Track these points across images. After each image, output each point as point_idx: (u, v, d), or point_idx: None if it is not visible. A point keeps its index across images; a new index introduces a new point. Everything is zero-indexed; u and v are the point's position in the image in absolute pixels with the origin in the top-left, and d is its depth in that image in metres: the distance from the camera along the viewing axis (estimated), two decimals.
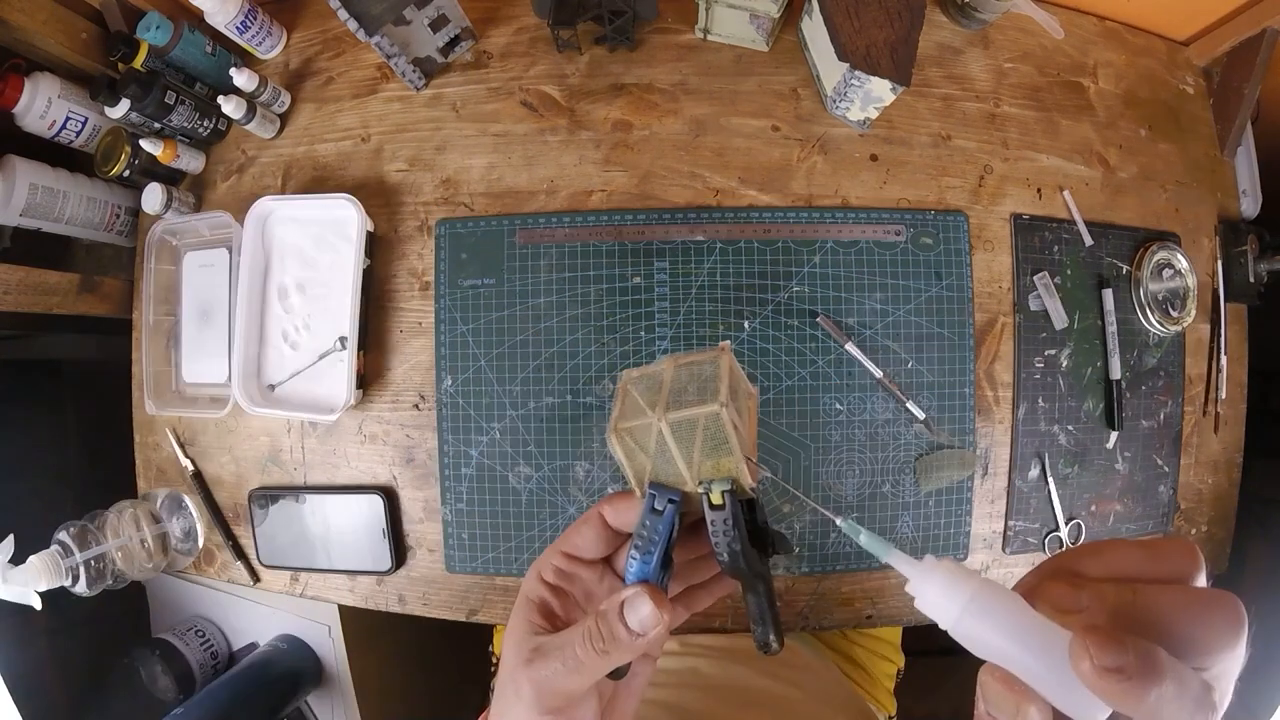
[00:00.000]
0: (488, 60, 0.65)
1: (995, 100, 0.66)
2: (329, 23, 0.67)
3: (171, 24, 0.61)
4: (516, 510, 0.62)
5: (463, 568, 0.63)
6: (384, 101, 0.66)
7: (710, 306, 0.61)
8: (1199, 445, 0.70)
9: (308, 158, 0.67)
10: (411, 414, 0.63)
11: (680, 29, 0.64)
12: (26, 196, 0.60)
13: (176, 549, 0.66)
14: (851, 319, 0.62)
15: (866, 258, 0.62)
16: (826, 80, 0.61)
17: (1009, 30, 0.67)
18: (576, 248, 0.62)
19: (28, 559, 0.55)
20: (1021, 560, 0.64)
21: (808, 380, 0.61)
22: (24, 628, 0.67)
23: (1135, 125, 0.69)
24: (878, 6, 0.55)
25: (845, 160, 0.63)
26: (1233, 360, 0.71)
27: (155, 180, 0.64)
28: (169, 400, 0.67)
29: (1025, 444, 0.63)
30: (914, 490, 0.62)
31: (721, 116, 0.63)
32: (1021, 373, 0.63)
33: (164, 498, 0.66)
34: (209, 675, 0.72)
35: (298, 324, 0.64)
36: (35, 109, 0.61)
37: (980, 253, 0.63)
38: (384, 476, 0.64)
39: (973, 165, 0.64)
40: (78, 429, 0.81)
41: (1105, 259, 0.66)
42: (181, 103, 0.62)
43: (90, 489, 0.72)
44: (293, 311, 0.64)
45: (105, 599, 0.60)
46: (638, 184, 0.63)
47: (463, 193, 0.64)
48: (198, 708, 0.66)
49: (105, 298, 0.68)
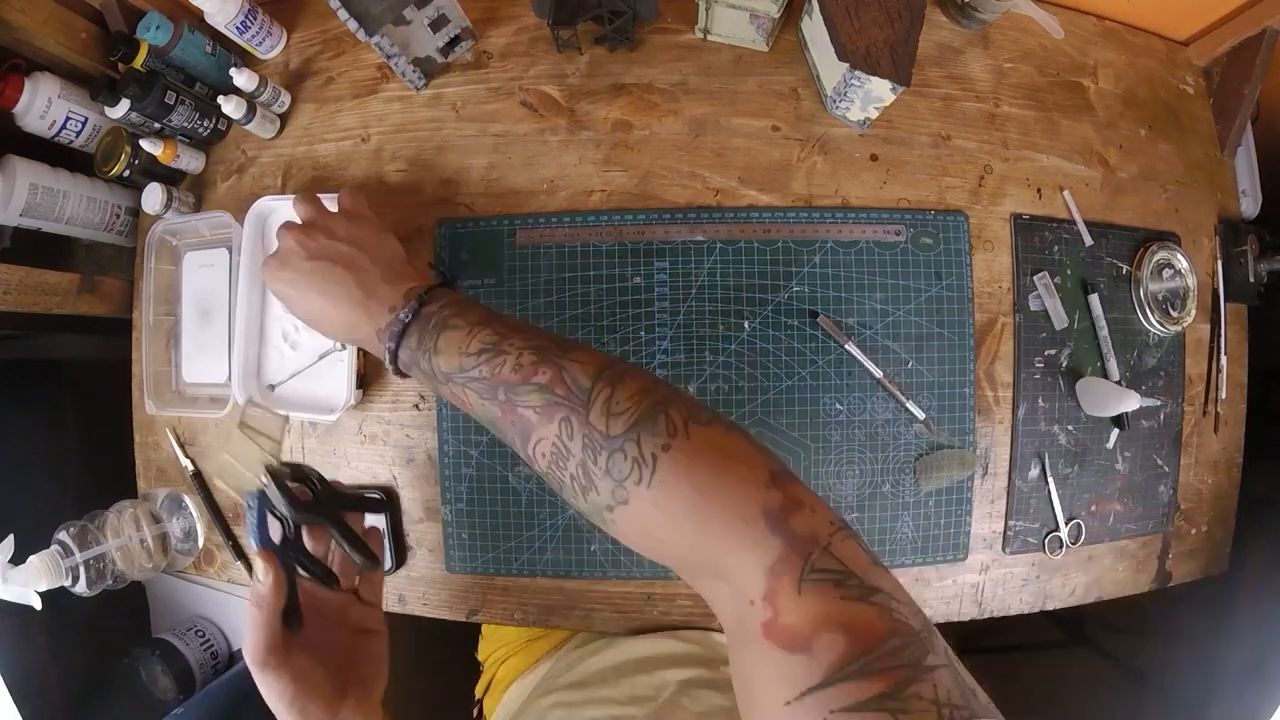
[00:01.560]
0: (488, 60, 0.65)
1: (995, 100, 0.66)
2: (329, 23, 0.67)
3: (171, 24, 0.61)
4: (516, 510, 0.62)
5: (462, 568, 0.63)
6: (384, 101, 0.66)
7: (710, 306, 0.61)
8: (1199, 445, 0.70)
9: (308, 158, 0.66)
10: (411, 414, 0.63)
11: (680, 29, 0.64)
12: (26, 196, 0.60)
13: (176, 549, 0.66)
14: (851, 319, 0.62)
15: (866, 258, 0.62)
16: (826, 80, 0.61)
17: (1009, 30, 0.67)
18: (576, 248, 0.62)
19: (28, 559, 0.55)
20: (1021, 560, 0.64)
21: (808, 380, 0.61)
22: (24, 628, 0.67)
23: (1135, 125, 0.69)
24: (878, 6, 0.55)
25: (845, 160, 0.63)
26: (1233, 360, 0.71)
27: (155, 180, 0.64)
28: (169, 400, 0.67)
29: (1025, 444, 0.63)
30: (914, 490, 0.62)
31: (721, 116, 0.63)
32: (1021, 373, 0.63)
33: (164, 498, 0.66)
34: (209, 675, 0.72)
35: (298, 324, 0.64)
36: (35, 109, 0.61)
37: (980, 253, 0.63)
38: (384, 476, 0.64)
39: (973, 165, 0.64)
40: (78, 429, 0.81)
41: (1105, 259, 0.66)
42: (181, 103, 0.62)
43: (90, 489, 0.72)
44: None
45: (105, 599, 0.60)
46: (638, 184, 0.63)
47: (463, 193, 0.64)
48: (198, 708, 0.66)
49: (105, 298, 0.68)
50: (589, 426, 0.32)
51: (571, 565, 0.62)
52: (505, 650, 0.72)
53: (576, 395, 0.33)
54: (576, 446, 0.33)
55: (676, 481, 0.31)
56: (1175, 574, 0.69)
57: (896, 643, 0.26)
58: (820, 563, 0.28)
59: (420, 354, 0.40)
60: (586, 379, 0.34)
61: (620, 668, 0.57)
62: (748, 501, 0.30)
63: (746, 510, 0.30)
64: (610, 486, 0.32)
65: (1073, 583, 0.66)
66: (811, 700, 0.25)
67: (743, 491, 0.30)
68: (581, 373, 0.34)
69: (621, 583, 0.62)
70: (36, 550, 0.56)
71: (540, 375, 0.35)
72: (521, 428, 0.35)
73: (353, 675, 0.46)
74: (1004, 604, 0.64)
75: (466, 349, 0.38)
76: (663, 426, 0.31)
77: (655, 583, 0.62)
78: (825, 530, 0.29)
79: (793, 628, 0.27)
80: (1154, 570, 0.69)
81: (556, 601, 0.63)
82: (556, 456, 0.33)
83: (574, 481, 0.33)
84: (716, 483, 0.31)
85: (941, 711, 0.25)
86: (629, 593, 0.62)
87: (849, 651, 0.26)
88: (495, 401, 0.36)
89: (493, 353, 0.37)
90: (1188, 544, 0.70)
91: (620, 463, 0.31)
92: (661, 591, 0.62)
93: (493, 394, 0.36)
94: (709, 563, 0.31)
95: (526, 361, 0.36)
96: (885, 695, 0.25)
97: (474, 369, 0.37)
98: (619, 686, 0.55)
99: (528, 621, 0.63)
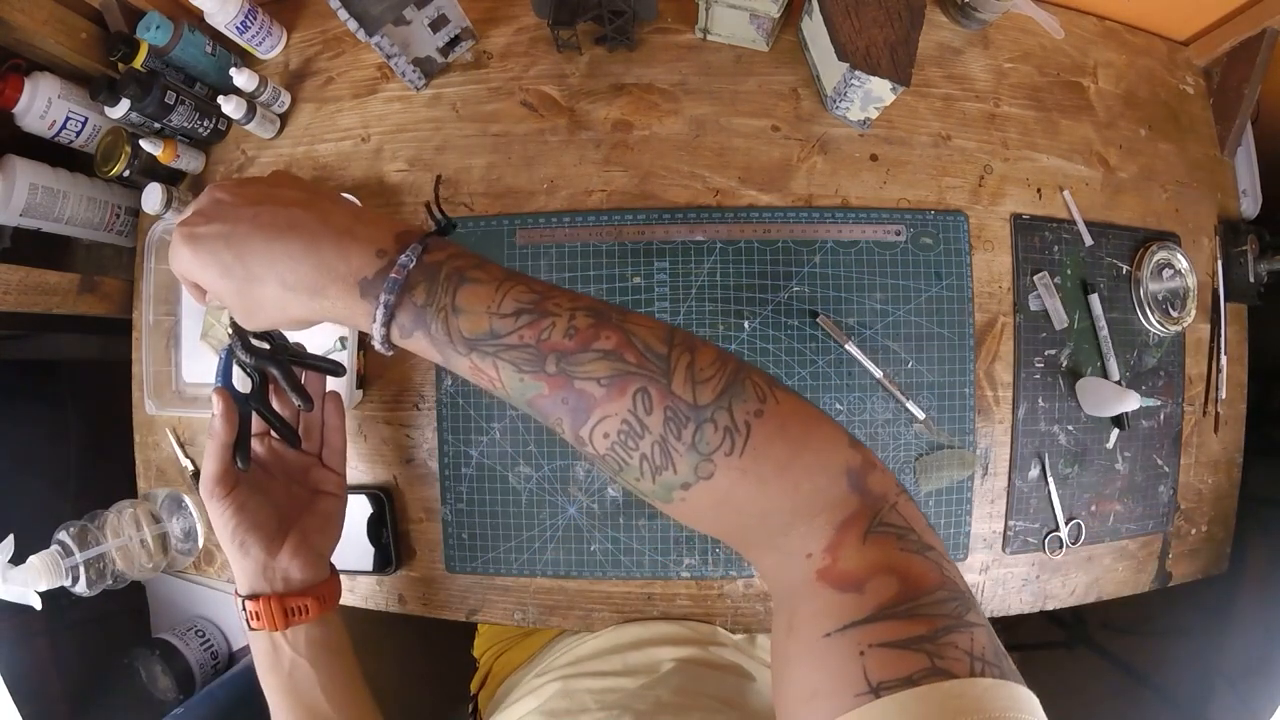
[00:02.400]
0: (488, 60, 0.65)
1: (995, 100, 0.66)
2: (329, 23, 0.67)
3: (171, 24, 0.61)
4: (516, 510, 0.62)
5: (462, 568, 0.63)
6: (384, 101, 0.66)
7: (710, 306, 0.61)
8: (1199, 445, 0.70)
9: (308, 158, 0.67)
10: (411, 414, 0.63)
11: (680, 29, 0.64)
12: (26, 196, 0.60)
13: (176, 549, 0.66)
14: (851, 319, 0.62)
15: (866, 258, 0.62)
16: (826, 80, 0.61)
17: (1009, 30, 0.67)
18: (576, 248, 0.62)
19: (28, 559, 0.55)
20: (1021, 560, 0.64)
21: (808, 380, 0.61)
22: (24, 628, 0.67)
23: (1135, 125, 0.69)
24: (878, 6, 0.55)
25: (845, 160, 0.63)
26: (1233, 360, 0.71)
27: (155, 180, 0.64)
28: (169, 400, 0.67)
29: (1025, 444, 0.63)
30: (914, 490, 0.62)
31: (721, 116, 0.63)
32: (1021, 373, 0.63)
33: (164, 498, 0.66)
34: (209, 675, 0.72)
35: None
36: (35, 109, 0.61)
37: (980, 253, 0.63)
38: (384, 476, 0.64)
39: (973, 165, 0.64)
40: (78, 429, 0.81)
41: (1105, 259, 0.66)
42: (181, 103, 0.62)
43: (90, 489, 0.72)
44: None
45: (105, 599, 0.60)
46: (638, 184, 0.63)
47: (463, 193, 0.64)
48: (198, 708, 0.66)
49: (105, 298, 0.68)
50: (672, 397, 0.29)
51: (571, 565, 0.62)
52: (500, 645, 0.72)
53: (653, 363, 0.29)
54: (656, 421, 0.29)
55: (769, 447, 0.29)
56: (1175, 574, 0.69)
57: (944, 594, 0.27)
58: (887, 518, 0.29)
59: (430, 313, 0.31)
60: (660, 344, 0.30)
61: (616, 647, 0.58)
62: (834, 462, 0.30)
63: (833, 470, 0.30)
64: (693, 462, 0.29)
65: (1073, 583, 0.66)
66: (853, 632, 0.26)
67: (831, 453, 0.31)
68: (652, 336, 0.30)
69: (621, 583, 0.62)
70: (36, 550, 0.56)
71: (604, 340, 0.30)
72: (577, 404, 0.30)
73: (298, 524, 0.50)
74: (1004, 604, 0.64)
75: (497, 308, 0.31)
76: (751, 393, 0.30)
77: (655, 583, 0.62)
78: (894, 490, 0.31)
79: (849, 572, 0.28)
80: (1154, 570, 0.69)
81: (556, 601, 0.63)
82: (627, 435, 0.29)
83: (644, 462, 0.29)
84: (808, 446, 0.30)
85: (974, 664, 0.25)
86: (629, 593, 0.62)
87: (899, 594, 0.27)
88: (540, 374, 0.30)
89: (534, 313, 0.31)
90: (1188, 544, 0.70)
91: (709, 434, 0.29)
92: (661, 591, 0.62)
93: (537, 364, 0.30)
94: (779, 525, 0.30)
95: (583, 324, 0.30)
96: (924, 638, 0.25)
97: (510, 334, 0.30)
98: (612, 662, 0.56)
99: (528, 621, 0.63)
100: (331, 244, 0.33)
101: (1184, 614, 0.99)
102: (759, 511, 0.30)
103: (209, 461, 0.47)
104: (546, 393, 0.30)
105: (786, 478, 0.30)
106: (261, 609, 0.47)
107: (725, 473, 0.29)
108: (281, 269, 0.33)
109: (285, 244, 0.33)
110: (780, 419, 0.30)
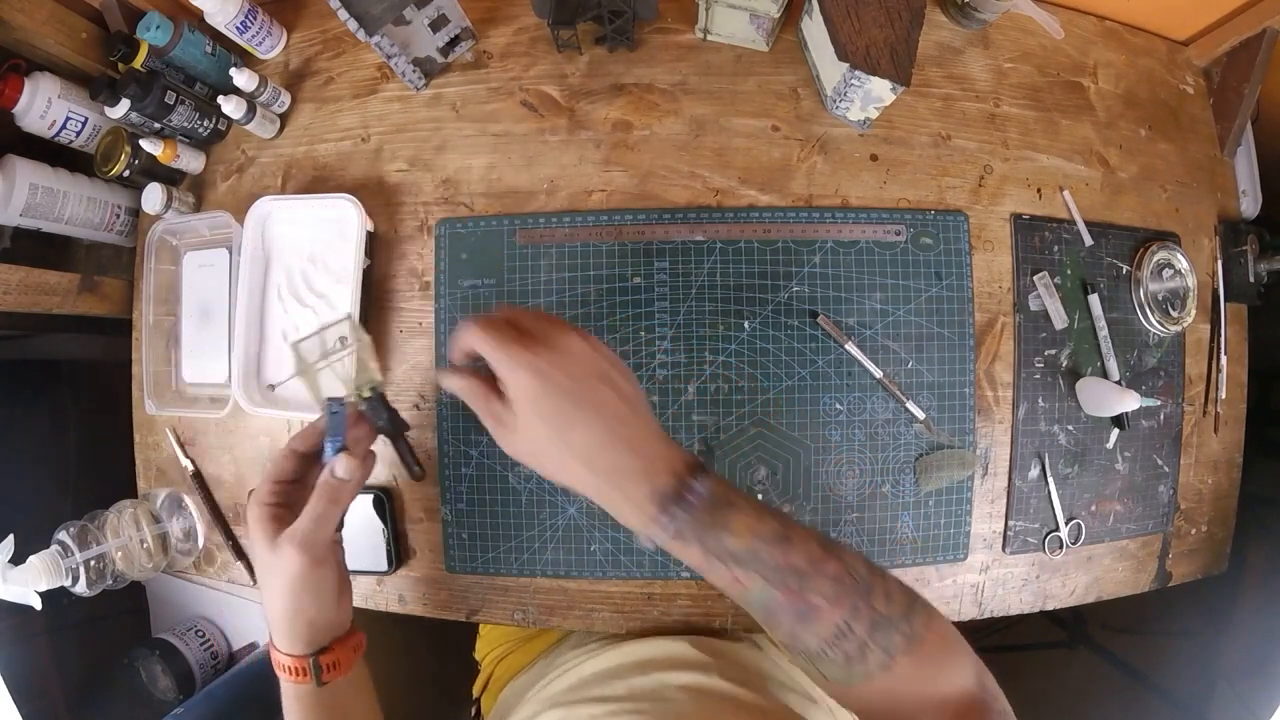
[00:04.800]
0: (488, 60, 0.65)
1: (995, 100, 0.66)
2: (329, 23, 0.67)
3: (171, 24, 0.61)
4: (516, 510, 0.62)
5: (463, 568, 0.63)
6: (384, 101, 0.66)
7: (710, 306, 0.61)
8: (1199, 445, 0.70)
9: (308, 158, 0.67)
10: (411, 414, 0.63)
11: (680, 29, 0.64)
12: (26, 196, 0.60)
13: (176, 549, 0.66)
14: (851, 319, 0.62)
15: (866, 258, 0.62)
16: (826, 80, 0.61)
17: (1009, 30, 0.67)
18: (576, 248, 0.62)
19: (28, 559, 0.55)
20: (1022, 560, 0.64)
21: (808, 380, 0.61)
22: (24, 628, 0.67)
23: (1135, 125, 0.69)
24: (878, 6, 0.55)
25: (845, 160, 0.63)
26: (1233, 360, 0.71)
27: (155, 180, 0.65)
28: (169, 400, 0.67)
29: (1025, 444, 0.63)
30: (914, 490, 0.62)
31: (721, 116, 0.63)
32: (1021, 373, 0.63)
33: (164, 498, 0.66)
34: (209, 675, 0.72)
35: (298, 324, 0.63)
36: (35, 109, 0.61)
37: (980, 253, 0.63)
38: (384, 476, 0.64)
39: (973, 165, 0.64)
40: (78, 429, 0.81)
41: (1105, 259, 0.66)
42: (181, 103, 0.62)
43: (90, 489, 0.72)
44: (292, 312, 0.64)
45: (105, 599, 0.60)
46: (638, 184, 0.63)
47: (463, 193, 0.64)
48: (198, 708, 0.66)
49: (105, 298, 0.68)
50: (874, 610, 0.38)
51: (571, 565, 0.62)
52: (502, 649, 0.72)
53: (861, 584, 0.38)
54: (862, 628, 0.38)
55: (935, 652, 0.40)
56: (1175, 574, 0.69)
57: None
58: (997, 705, 0.41)
59: (709, 531, 0.38)
60: (864, 569, 0.39)
61: (618, 669, 0.57)
62: (968, 669, 0.41)
63: (967, 676, 0.41)
64: (880, 659, 0.38)
65: (1073, 583, 0.66)
66: None
67: (966, 661, 0.41)
68: (858, 562, 0.40)
69: (621, 583, 0.62)
70: (36, 550, 0.56)
71: (830, 566, 0.38)
72: (804, 611, 0.38)
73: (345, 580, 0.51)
74: (1004, 604, 0.64)
75: (760, 533, 0.39)
76: (923, 613, 0.40)
77: (655, 583, 0.62)
78: (996, 686, 0.41)
79: None
80: (1154, 570, 0.69)
81: (556, 601, 0.63)
82: (837, 636, 0.38)
83: (844, 654, 0.38)
84: (958, 651, 0.41)
85: None
86: (629, 593, 0.62)
87: None
88: (781, 586, 0.38)
89: (784, 540, 0.39)
90: (1188, 544, 0.70)
91: (894, 638, 0.38)
92: (661, 591, 0.62)
93: (780, 579, 0.38)
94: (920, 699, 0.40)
95: (817, 553, 0.39)
96: None
97: (766, 553, 0.38)
98: (616, 688, 0.55)
99: (528, 622, 0.63)
100: (646, 455, 0.39)
101: (1184, 614, 0.99)
102: (911, 694, 0.39)
103: (320, 525, 0.43)
104: (782, 599, 0.38)
105: (941, 677, 0.40)
106: (301, 665, 0.46)
107: (901, 667, 0.38)
108: (594, 453, 0.38)
109: (612, 435, 0.39)
110: (940, 633, 0.40)
